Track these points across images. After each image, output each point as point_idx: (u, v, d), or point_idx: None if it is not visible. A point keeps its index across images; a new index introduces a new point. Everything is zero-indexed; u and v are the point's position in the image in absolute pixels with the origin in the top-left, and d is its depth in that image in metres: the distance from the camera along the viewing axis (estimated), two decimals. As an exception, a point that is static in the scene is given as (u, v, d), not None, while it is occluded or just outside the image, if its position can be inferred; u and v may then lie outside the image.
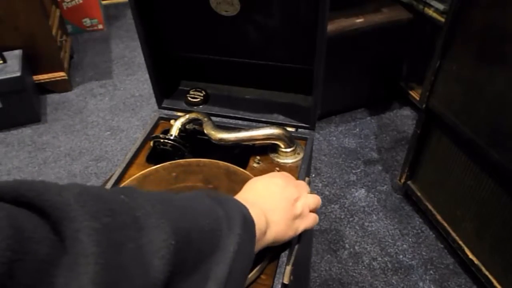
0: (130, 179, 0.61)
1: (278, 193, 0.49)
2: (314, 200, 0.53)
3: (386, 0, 1.76)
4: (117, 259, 0.27)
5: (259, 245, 0.43)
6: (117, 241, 0.28)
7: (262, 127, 0.69)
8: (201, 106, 0.79)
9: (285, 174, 0.55)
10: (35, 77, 2.06)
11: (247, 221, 0.39)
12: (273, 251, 0.51)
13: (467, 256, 1.24)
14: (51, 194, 0.27)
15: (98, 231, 0.27)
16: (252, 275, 0.49)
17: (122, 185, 0.63)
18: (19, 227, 0.24)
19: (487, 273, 1.18)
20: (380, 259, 1.37)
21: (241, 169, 0.62)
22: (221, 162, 0.63)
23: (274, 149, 0.70)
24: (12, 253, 0.23)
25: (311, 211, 0.52)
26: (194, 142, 0.72)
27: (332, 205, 1.55)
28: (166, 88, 0.81)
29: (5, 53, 1.87)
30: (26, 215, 0.26)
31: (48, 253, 0.25)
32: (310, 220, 0.51)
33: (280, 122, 0.75)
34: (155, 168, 0.63)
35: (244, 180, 0.58)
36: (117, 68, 2.35)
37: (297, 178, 0.61)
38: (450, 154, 1.22)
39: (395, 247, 1.41)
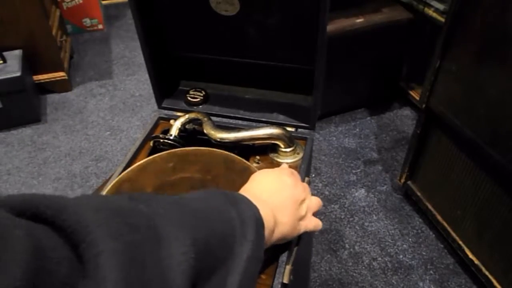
0: (127, 170, 0.61)
1: (287, 192, 0.49)
2: (317, 202, 0.53)
3: (386, 0, 1.76)
4: (139, 278, 0.27)
5: (266, 244, 0.43)
6: (138, 258, 0.27)
7: (262, 127, 0.69)
8: (201, 106, 0.79)
9: (293, 171, 0.54)
10: (35, 77, 2.06)
11: (259, 225, 0.39)
12: (273, 251, 0.51)
13: (467, 256, 1.24)
14: (69, 213, 0.26)
15: (119, 253, 0.26)
16: None
17: (119, 177, 0.62)
18: (40, 246, 0.24)
19: (487, 273, 1.18)
20: (380, 259, 1.37)
21: (239, 157, 0.61)
22: (218, 151, 0.62)
23: (274, 149, 0.70)
24: (34, 274, 0.22)
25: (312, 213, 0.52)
26: (194, 142, 0.72)
27: (332, 205, 1.55)
28: (166, 88, 0.81)
29: (5, 53, 1.87)
30: (46, 233, 0.26)
31: (67, 275, 0.24)
32: (312, 223, 0.51)
33: (280, 122, 0.75)
34: (152, 158, 0.62)
35: (242, 169, 0.57)
36: (117, 68, 2.35)
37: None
38: (450, 154, 1.22)
39: (395, 247, 1.41)
